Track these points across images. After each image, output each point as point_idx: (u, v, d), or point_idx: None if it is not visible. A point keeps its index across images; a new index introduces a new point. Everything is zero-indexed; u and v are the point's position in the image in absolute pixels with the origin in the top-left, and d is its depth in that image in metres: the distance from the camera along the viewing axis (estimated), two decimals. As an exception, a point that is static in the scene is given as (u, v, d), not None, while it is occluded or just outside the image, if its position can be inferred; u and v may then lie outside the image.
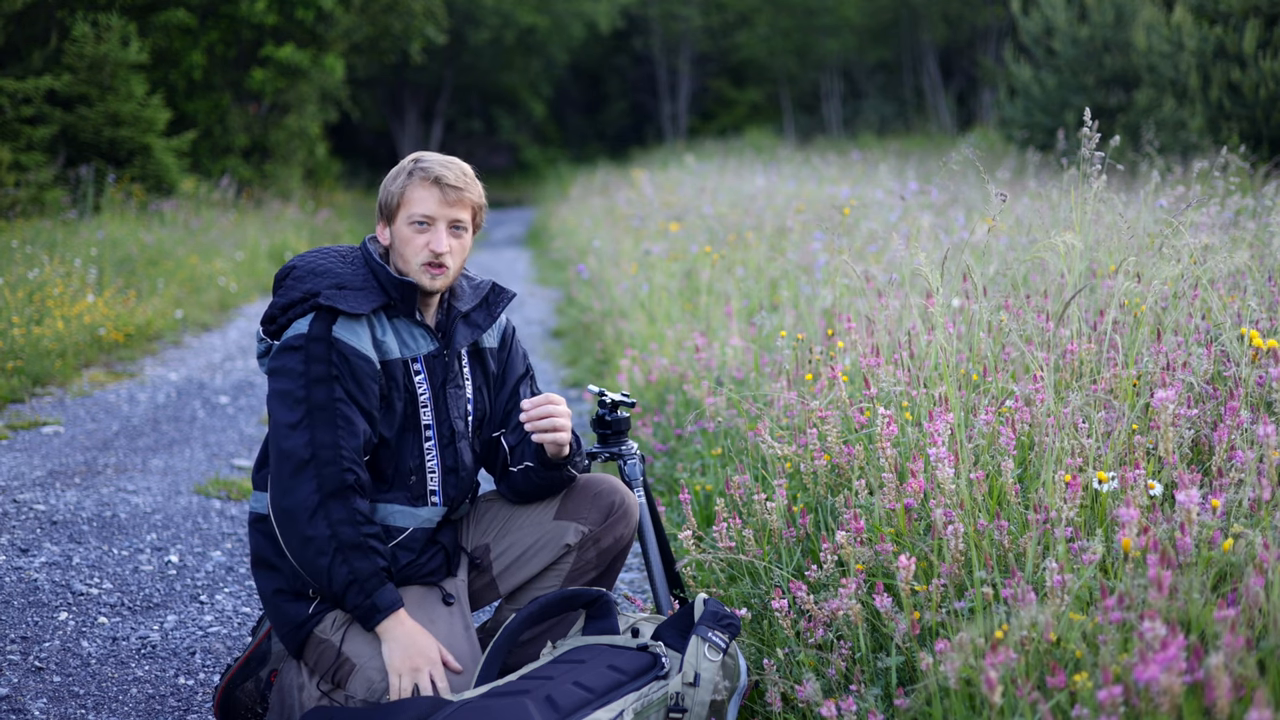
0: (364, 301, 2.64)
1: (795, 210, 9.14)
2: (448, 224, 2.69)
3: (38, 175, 11.82)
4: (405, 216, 2.68)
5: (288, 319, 2.67)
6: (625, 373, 5.93)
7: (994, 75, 23.17)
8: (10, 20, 12.80)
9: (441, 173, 2.68)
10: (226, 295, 10.88)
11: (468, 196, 2.71)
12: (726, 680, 2.59)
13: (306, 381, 2.58)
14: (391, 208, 2.71)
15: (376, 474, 2.69)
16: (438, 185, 2.67)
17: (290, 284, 2.69)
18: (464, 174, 2.72)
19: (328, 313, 2.62)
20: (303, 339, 2.60)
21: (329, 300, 2.61)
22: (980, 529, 2.57)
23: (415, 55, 22.44)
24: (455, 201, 2.69)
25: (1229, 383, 3.00)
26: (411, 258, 2.68)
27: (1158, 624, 1.90)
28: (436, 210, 2.68)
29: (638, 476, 3.09)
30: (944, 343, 2.94)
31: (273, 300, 2.71)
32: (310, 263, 2.72)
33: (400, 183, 2.70)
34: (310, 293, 2.65)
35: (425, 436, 2.72)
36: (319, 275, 2.68)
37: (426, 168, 2.69)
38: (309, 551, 2.54)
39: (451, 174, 2.69)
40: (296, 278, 2.69)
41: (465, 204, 2.71)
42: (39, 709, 3.02)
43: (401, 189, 2.69)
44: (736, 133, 29.19)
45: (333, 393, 2.57)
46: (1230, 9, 11.13)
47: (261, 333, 2.75)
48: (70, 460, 5.43)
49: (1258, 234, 5.06)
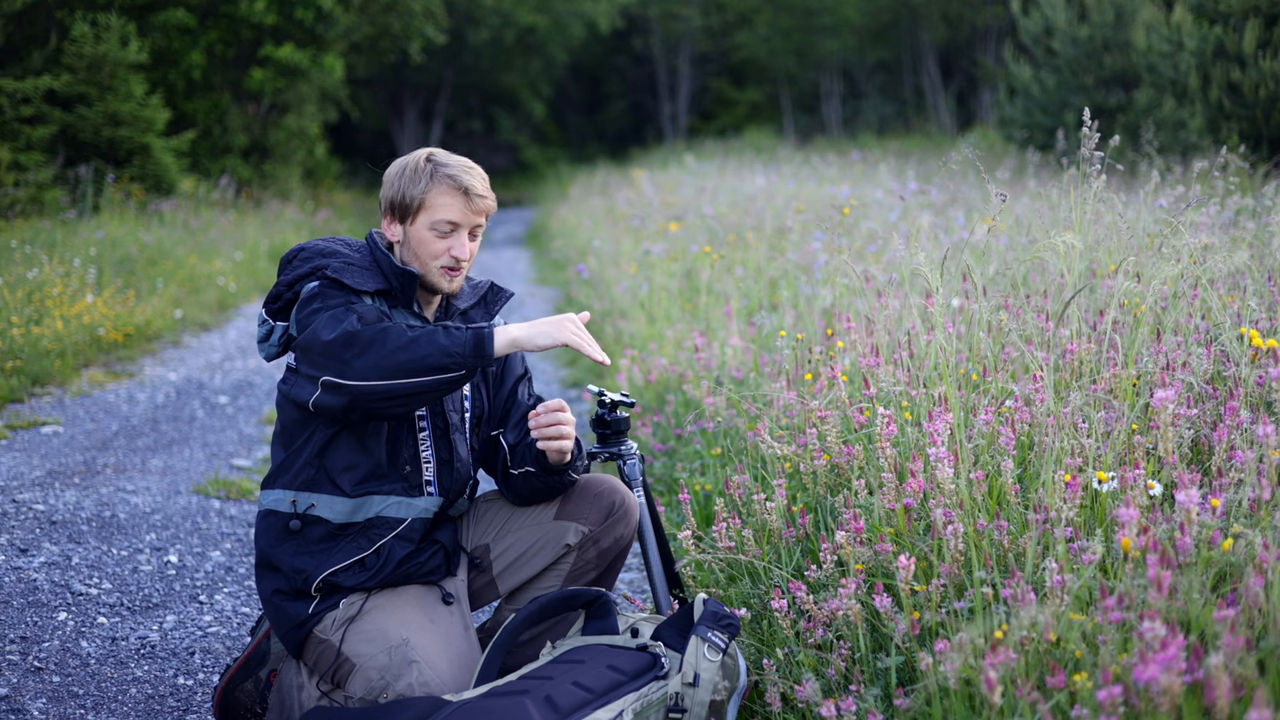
0: (369, 280, 2.66)
1: (795, 210, 9.14)
2: (470, 230, 2.72)
3: (37, 175, 11.81)
4: (427, 221, 2.69)
5: (294, 294, 2.68)
6: (625, 373, 5.93)
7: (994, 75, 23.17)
8: (10, 20, 12.80)
9: (470, 183, 2.69)
10: (226, 295, 10.88)
11: (489, 204, 2.74)
12: (726, 680, 2.58)
13: (330, 309, 2.56)
14: (410, 209, 2.71)
15: (372, 464, 2.69)
16: (466, 195, 2.68)
17: (298, 263, 2.72)
18: (485, 181, 2.75)
19: (333, 283, 2.63)
20: (317, 288, 2.62)
21: (335, 272, 2.64)
22: (980, 529, 2.57)
23: (415, 55, 22.44)
24: (480, 210, 2.72)
25: (1229, 383, 3.00)
26: (430, 260, 2.70)
27: (1157, 624, 1.90)
28: (462, 218, 2.70)
29: (637, 476, 3.09)
30: (944, 343, 2.94)
31: (279, 280, 2.72)
32: (318, 245, 2.75)
33: (423, 186, 2.69)
34: (318, 267, 2.68)
35: (419, 428, 2.73)
36: (327, 256, 2.71)
37: (453, 175, 2.69)
38: (383, 349, 2.44)
39: (478, 184, 2.71)
40: (305, 258, 2.71)
41: (486, 211, 2.75)
42: (38, 709, 3.02)
43: (424, 192, 2.69)
44: (736, 133, 29.19)
45: (356, 309, 2.57)
46: (1230, 9, 11.12)
47: (264, 313, 2.75)
48: (69, 460, 5.43)
49: (1257, 234, 5.06)
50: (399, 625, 2.60)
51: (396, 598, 2.69)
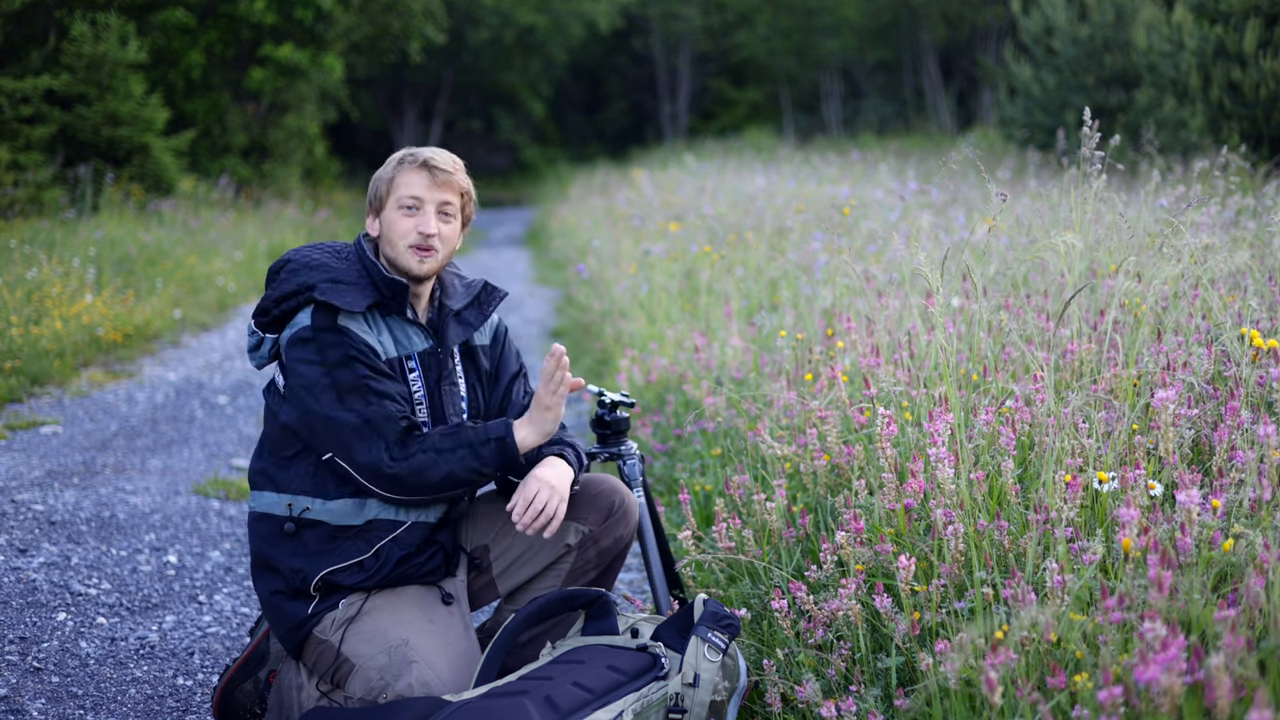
0: (359, 298, 2.65)
1: (795, 210, 9.13)
2: (436, 206, 2.71)
3: (36, 175, 11.80)
4: (394, 201, 2.71)
5: (281, 311, 2.68)
6: (625, 373, 5.93)
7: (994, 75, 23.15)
8: (9, 20, 12.79)
9: (430, 156, 2.72)
10: (225, 295, 10.87)
11: (456, 180, 2.73)
12: (726, 681, 2.58)
13: (327, 368, 2.60)
14: (381, 195, 2.74)
15: None
16: (426, 168, 2.70)
17: (285, 277, 2.70)
18: (453, 160, 2.76)
19: (326, 309, 2.62)
20: (309, 330, 2.62)
21: (325, 295, 2.62)
22: (980, 529, 2.56)
23: (414, 55, 22.43)
24: (444, 184, 2.71)
25: (1229, 383, 2.99)
26: (399, 240, 2.70)
27: (1158, 624, 1.89)
28: (425, 192, 2.70)
29: (637, 476, 3.09)
30: (944, 343, 2.94)
31: (266, 293, 2.72)
32: (305, 257, 2.72)
33: (390, 170, 2.74)
34: (305, 285, 2.66)
35: (420, 433, 2.72)
36: (313, 269, 2.68)
37: (415, 154, 2.73)
38: (420, 481, 2.60)
39: (440, 158, 2.73)
40: (291, 271, 2.70)
41: (454, 187, 2.72)
42: (37, 709, 3.01)
43: (391, 175, 2.73)
44: (736, 133, 29.18)
45: (356, 372, 2.60)
46: (1230, 8, 11.11)
47: (253, 325, 2.74)
48: (68, 460, 5.43)
49: (1258, 234, 5.05)
50: (398, 625, 2.60)
51: (396, 598, 2.68)
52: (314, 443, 2.63)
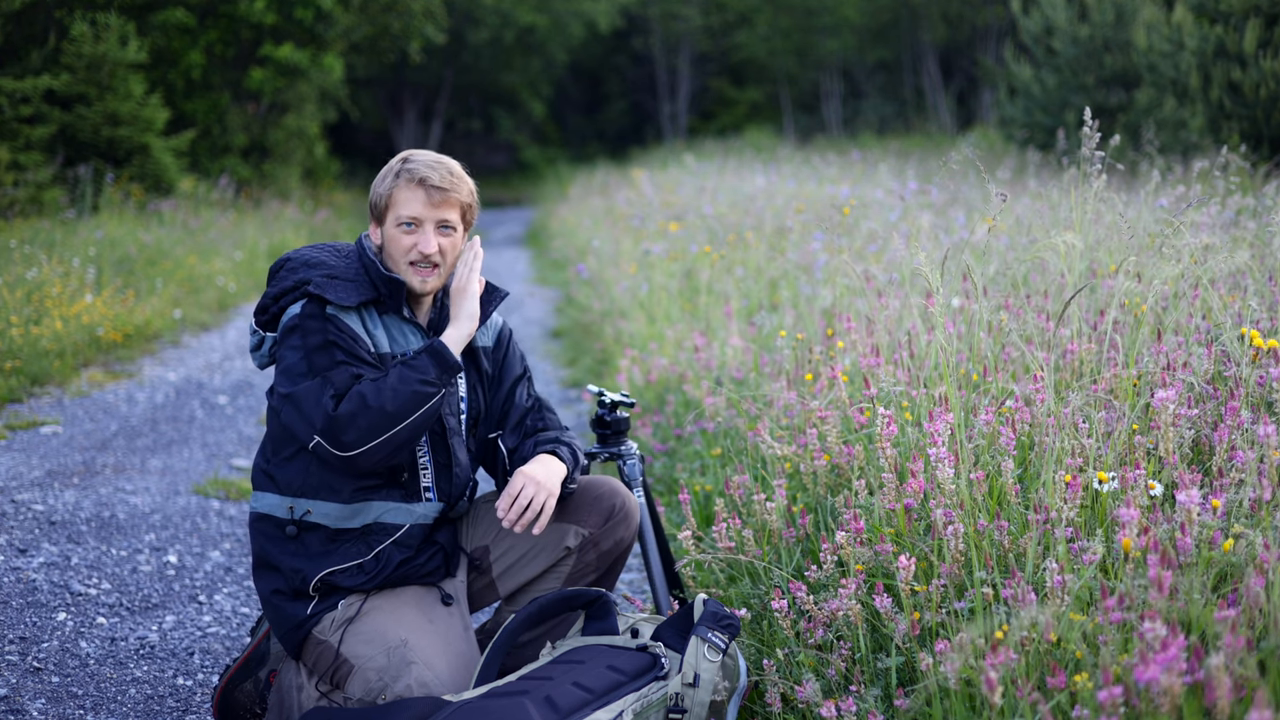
0: (353, 293, 2.65)
1: (795, 210, 9.13)
2: (435, 225, 2.70)
3: (36, 175, 11.80)
4: (393, 218, 2.70)
5: (279, 308, 2.69)
6: (625, 373, 5.93)
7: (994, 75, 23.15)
8: (9, 20, 12.78)
9: (427, 174, 2.68)
10: (225, 295, 10.87)
11: (454, 196, 2.70)
12: (726, 681, 2.58)
13: (306, 352, 2.60)
14: (380, 209, 2.73)
15: (368, 472, 2.68)
16: (423, 187, 2.67)
17: (284, 275, 2.72)
18: (450, 174, 2.71)
19: (317, 301, 2.63)
20: (297, 318, 2.63)
21: (318, 288, 2.64)
22: (980, 529, 2.56)
23: (414, 55, 22.43)
24: (441, 203, 2.69)
25: (1229, 383, 2.99)
26: (400, 257, 2.70)
27: (1158, 624, 1.89)
28: (423, 212, 2.68)
29: (637, 477, 3.08)
30: (944, 343, 2.94)
31: (266, 291, 2.73)
32: (304, 255, 2.74)
33: (388, 184, 2.71)
34: (302, 281, 2.68)
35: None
36: (312, 267, 2.70)
37: (413, 169, 2.69)
38: (371, 412, 2.52)
39: (437, 175, 2.69)
40: (290, 269, 2.72)
41: (452, 204, 2.71)
42: (37, 709, 3.01)
43: (389, 190, 2.70)
44: (736, 132, 29.17)
45: (333, 356, 2.59)
46: (1231, 8, 11.11)
47: (254, 324, 2.75)
48: (68, 460, 5.42)
49: (1258, 234, 5.05)
50: (397, 626, 2.60)
51: (395, 599, 2.68)
52: (292, 427, 2.60)
